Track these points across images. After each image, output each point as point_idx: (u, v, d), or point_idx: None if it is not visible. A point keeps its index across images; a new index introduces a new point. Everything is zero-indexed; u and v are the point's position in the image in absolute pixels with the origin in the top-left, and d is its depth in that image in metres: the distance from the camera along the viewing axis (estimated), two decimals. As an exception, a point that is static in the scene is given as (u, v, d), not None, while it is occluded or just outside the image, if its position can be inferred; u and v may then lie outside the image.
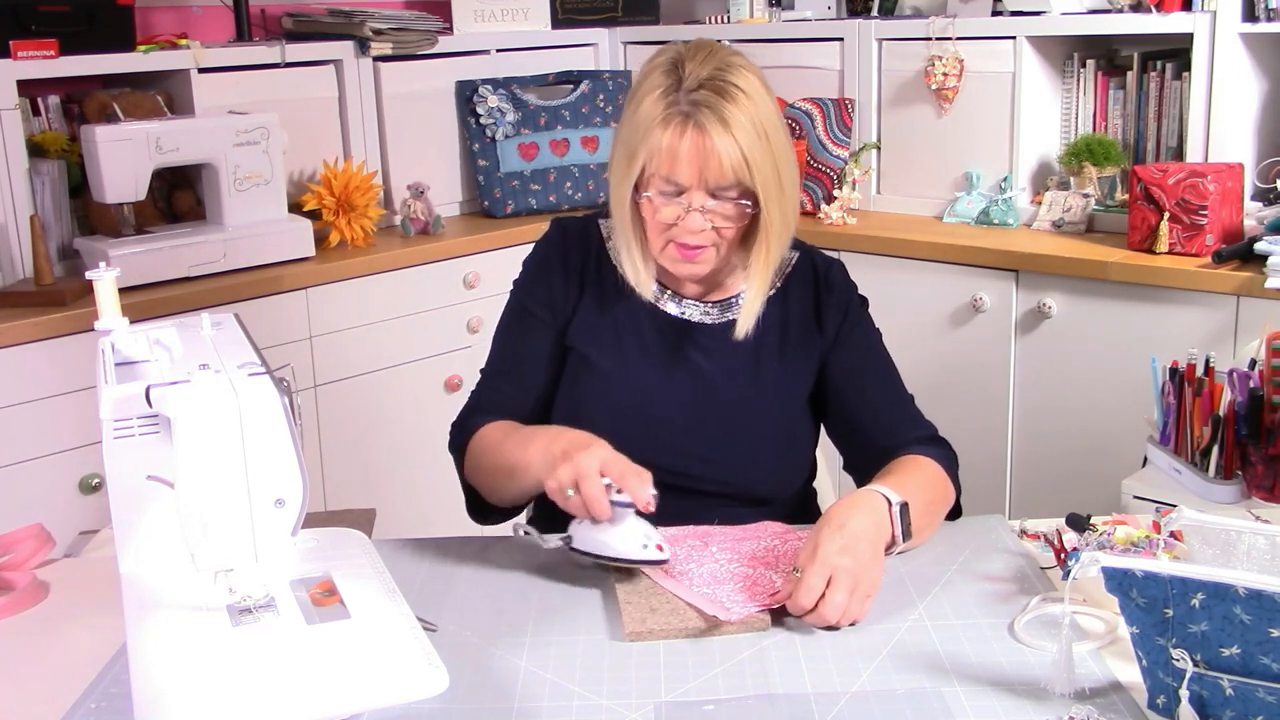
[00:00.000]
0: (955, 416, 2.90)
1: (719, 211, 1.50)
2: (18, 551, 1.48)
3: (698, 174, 1.47)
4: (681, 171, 1.47)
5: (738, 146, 1.46)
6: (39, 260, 2.55)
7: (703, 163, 1.46)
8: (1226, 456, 1.72)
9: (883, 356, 1.67)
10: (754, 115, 1.47)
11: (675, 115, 1.47)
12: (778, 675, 1.19)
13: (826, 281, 1.65)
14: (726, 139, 1.45)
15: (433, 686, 1.07)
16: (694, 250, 1.53)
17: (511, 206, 3.36)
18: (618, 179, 1.54)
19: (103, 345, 1.25)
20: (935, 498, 1.50)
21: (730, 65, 1.50)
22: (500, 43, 3.47)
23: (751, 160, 1.47)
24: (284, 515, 1.11)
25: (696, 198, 1.49)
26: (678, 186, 1.49)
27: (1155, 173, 2.62)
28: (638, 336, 1.62)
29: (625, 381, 1.61)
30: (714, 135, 1.45)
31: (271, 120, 2.83)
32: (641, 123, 1.49)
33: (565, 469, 1.34)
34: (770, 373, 1.62)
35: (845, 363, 1.64)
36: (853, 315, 1.66)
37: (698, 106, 1.46)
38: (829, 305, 1.64)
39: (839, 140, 3.29)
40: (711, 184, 1.48)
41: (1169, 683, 1.06)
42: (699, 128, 1.46)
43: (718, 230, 1.52)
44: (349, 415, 2.88)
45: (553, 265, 1.66)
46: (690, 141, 1.46)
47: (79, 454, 2.44)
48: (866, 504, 1.38)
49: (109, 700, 1.17)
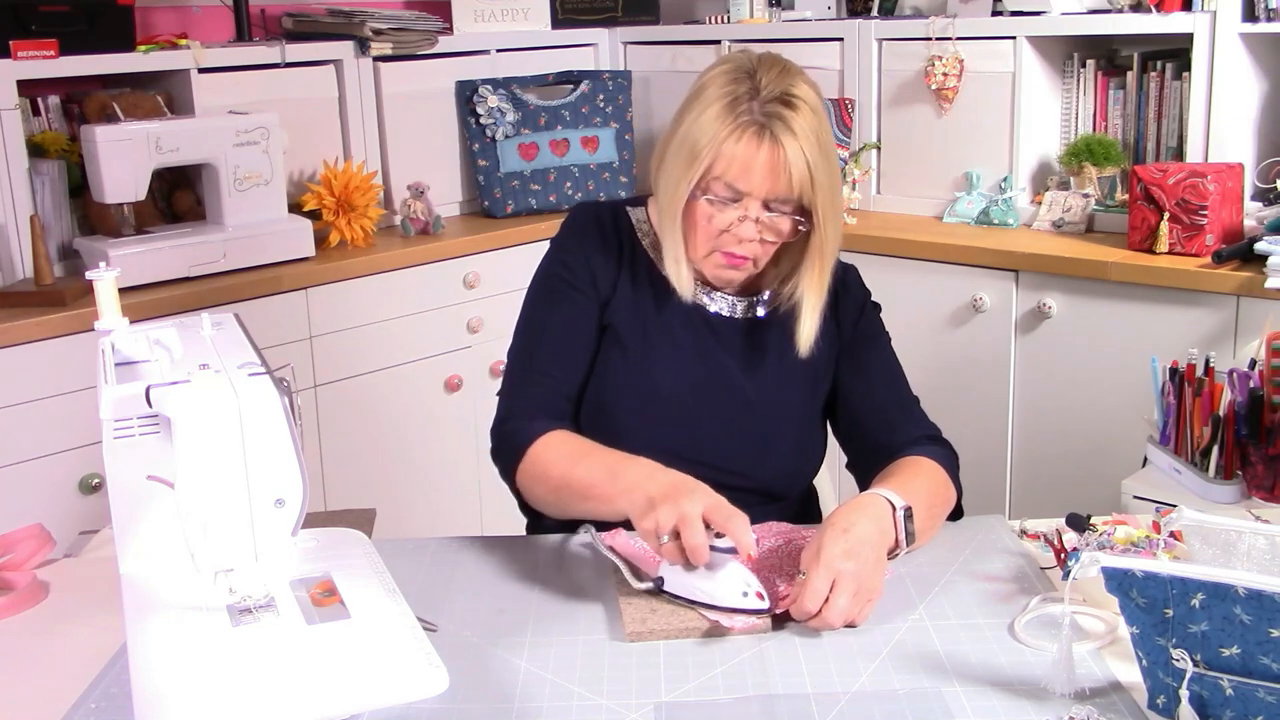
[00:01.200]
0: (955, 416, 2.90)
1: (772, 225, 1.51)
2: (18, 551, 1.48)
3: (764, 184, 1.48)
4: (749, 180, 1.48)
5: (806, 162, 1.47)
6: (39, 260, 2.55)
7: (773, 175, 1.47)
8: (1226, 456, 1.72)
9: (890, 358, 1.69)
10: (819, 131, 1.49)
11: (750, 124, 1.47)
12: (778, 675, 1.19)
13: (844, 284, 1.68)
14: (798, 154, 1.47)
15: (433, 686, 1.07)
16: (739, 260, 1.54)
17: (511, 206, 3.36)
18: (674, 177, 1.52)
19: (103, 345, 1.25)
20: (937, 500, 1.50)
21: (798, 81, 1.52)
22: (500, 43, 3.47)
23: (816, 177, 1.49)
24: (284, 515, 1.11)
25: (753, 208, 1.50)
26: (737, 194, 1.49)
27: (1155, 173, 2.62)
28: (667, 327, 1.62)
29: (653, 370, 1.61)
30: (788, 149, 1.46)
31: (271, 120, 2.83)
32: (709, 126, 1.48)
33: (666, 512, 1.30)
34: (794, 371, 1.63)
35: (854, 362, 1.66)
36: (865, 316, 1.68)
37: (771, 118, 1.47)
38: (845, 306, 1.67)
39: (839, 140, 3.28)
40: (773, 196, 1.49)
41: (1169, 683, 1.06)
42: (775, 140, 1.47)
43: (765, 243, 1.53)
44: (349, 415, 2.88)
45: (591, 242, 1.63)
46: (766, 153, 1.47)
47: (79, 454, 2.44)
48: (871, 508, 1.38)
49: (109, 700, 1.17)
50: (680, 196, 1.52)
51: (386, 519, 1.71)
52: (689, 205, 1.52)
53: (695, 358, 1.62)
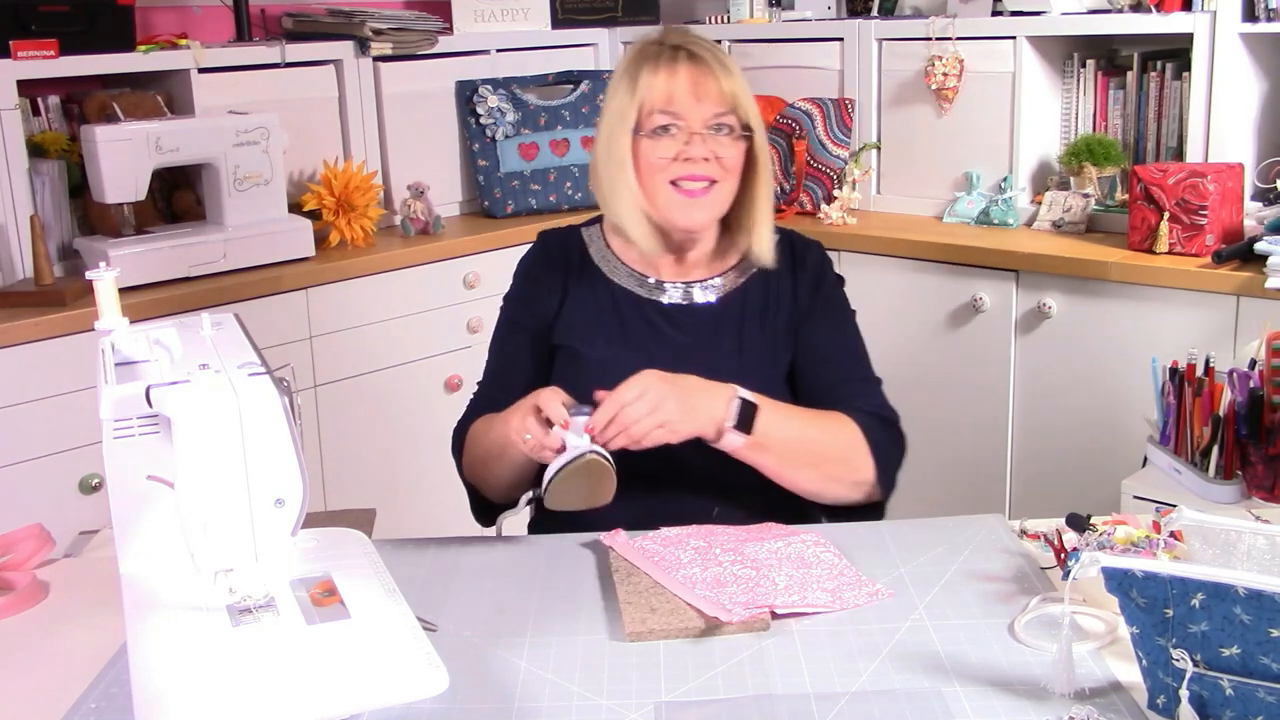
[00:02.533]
0: (955, 416, 2.91)
1: (718, 139, 1.57)
2: (18, 551, 1.48)
3: (695, 101, 1.55)
4: (678, 101, 1.55)
5: (732, 75, 1.56)
6: (39, 260, 2.55)
7: (699, 89, 1.55)
8: (1226, 456, 1.72)
9: (849, 334, 1.70)
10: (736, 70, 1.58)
11: (664, 54, 1.57)
12: (778, 675, 1.19)
13: (802, 261, 1.69)
14: (721, 66, 1.56)
15: (433, 686, 1.07)
16: (696, 185, 1.58)
17: (511, 206, 3.36)
18: (612, 139, 1.60)
19: (103, 345, 1.25)
20: (824, 439, 1.53)
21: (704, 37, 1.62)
22: (500, 43, 3.47)
23: (742, 93, 1.56)
24: (284, 515, 1.11)
25: (695, 124, 1.56)
26: (676, 118, 1.56)
27: (1155, 173, 2.62)
28: (622, 325, 1.67)
29: (613, 369, 1.63)
30: (708, 61, 1.55)
31: (271, 120, 2.83)
32: (627, 80, 1.58)
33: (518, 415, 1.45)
34: (753, 351, 1.64)
35: (810, 337, 1.67)
36: (824, 291, 1.69)
37: (684, 46, 1.57)
38: (802, 282, 1.68)
39: (839, 140, 3.29)
40: (709, 111, 1.55)
41: (1169, 683, 1.06)
42: (692, 58, 1.56)
43: (720, 160, 1.57)
44: (349, 415, 2.88)
45: (536, 274, 1.74)
46: (685, 71, 1.56)
47: (79, 454, 2.44)
48: (707, 384, 1.48)
49: (109, 700, 1.17)
50: (624, 149, 1.59)
51: (386, 519, 1.71)
52: (637, 157, 1.59)
53: (654, 348, 1.65)
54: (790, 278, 1.68)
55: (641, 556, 1.42)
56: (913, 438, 1.65)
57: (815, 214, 3.26)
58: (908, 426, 1.65)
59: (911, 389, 3.08)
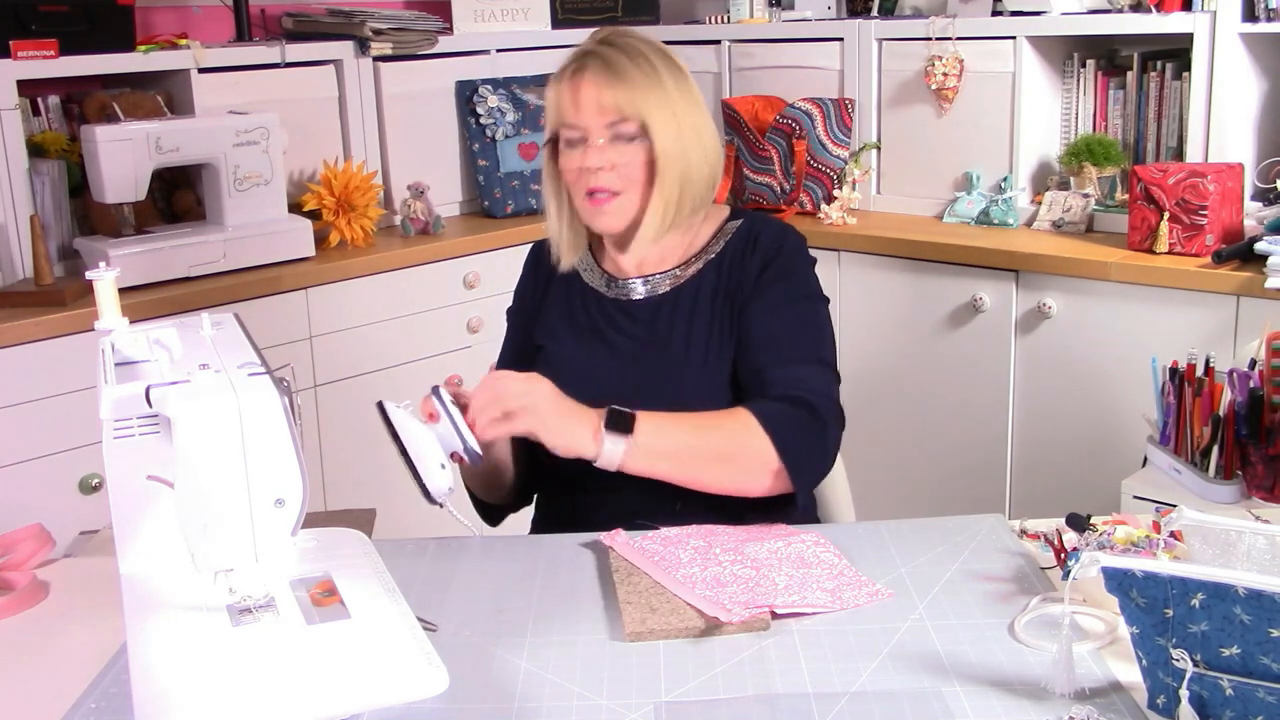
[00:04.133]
0: (955, 416, 2.91)
1: (614, 147, 1.59)
2: (18, 551, 1.48)
3: (587, 112, 1.58)
4: (574, 113, 1.59)
5: (620, 82, 1.58)
6: (39, 260, 2.55)
7: (588, 100, 1.58)
8: (1226, 456, 1.72)
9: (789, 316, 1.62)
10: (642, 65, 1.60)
11: (568, 68, 1.62)
12: (778, 675, 1.19)
13: (756, 240, 1.68)
14: (607, 75, 1.59)
15: (433, 686, 1.07)
16: (604, 197, 1.61)
17: (511, 206, 3.36)
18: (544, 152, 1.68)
19: (103, 345, 1.25)
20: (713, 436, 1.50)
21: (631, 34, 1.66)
22: (500, 43, 3.47)
23: (638, 95, 1.58)
24: (284, 515, 1.11)
25: (593, 136, 1.59)
26: (576, 130, 1.60)
27: (1155, 173, 2.62)
28: (582, 321, 1.71)
29: (574, 365, 1.68)
30: (594, 71, 1.59)
31: (271, 120, 2.83)
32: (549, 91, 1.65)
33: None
34: (705, 340, 1.63)
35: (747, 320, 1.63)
36: (770, 271, 1.64)
37: (584, 56, 1.61)
38: (752, 262, 1.66)
39: (839, 140, 3.29)
40: (603, 120, 1.58)
41: (1169, 683, 1.06)
42: (581, 70, 1.60)
43: (617, 169, 1.60)
44: (349, 415, 2.88)
45: (527, 280, 1.82)
46: (578, 84, 1.60)
47: (79, 454, 2.44)
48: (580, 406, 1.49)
49: (109, 700, 1.17)
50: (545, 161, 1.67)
51: (386, 519, 1.71)
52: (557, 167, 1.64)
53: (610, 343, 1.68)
54: (746, 257, 1.66)
55: (641, 556, 1.42)
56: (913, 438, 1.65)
57: (815, 214, 3.26)
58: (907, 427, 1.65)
59: (911, 389, 3.09)
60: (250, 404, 1.08)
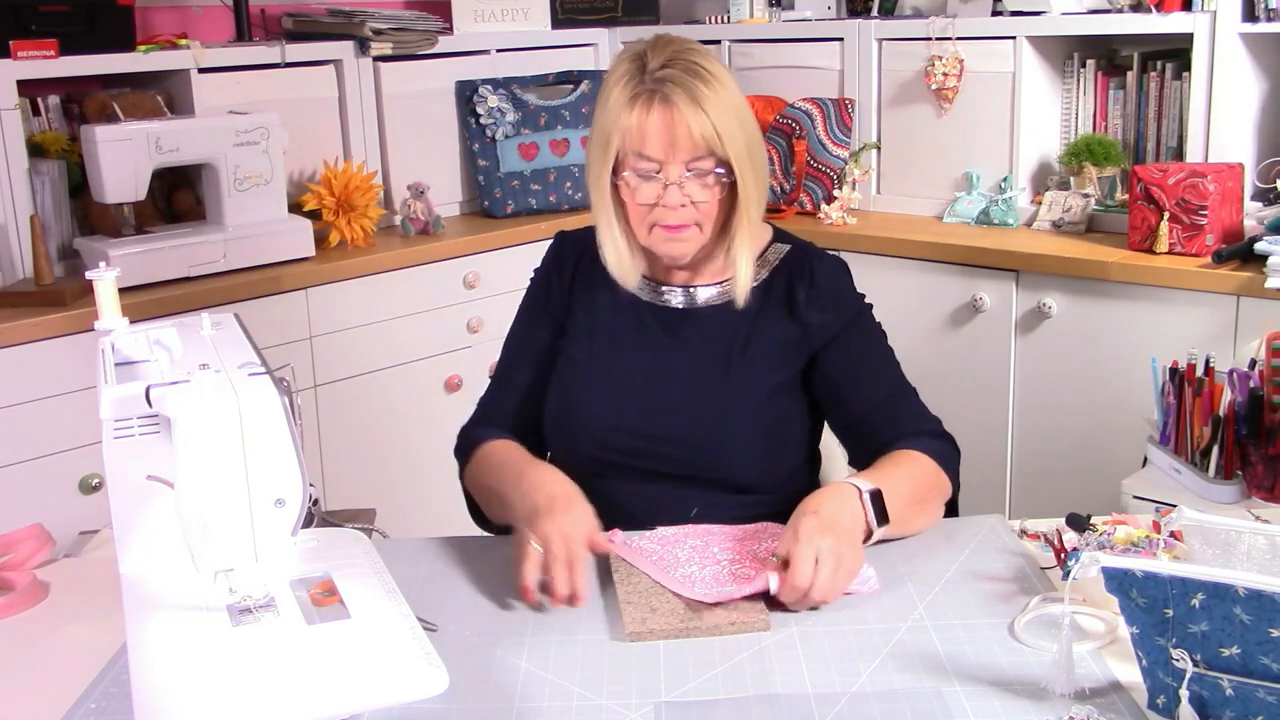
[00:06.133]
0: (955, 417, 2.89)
1: (695, 184, 1.53)
2: (18, 551, 1.48)
3: (669, 146, 1.51)
4: (652, 145, 1.51)
5: (705, 116, 1.50)
6: (39, 260, 2.55)
7: (672, 134, 1.50)
8: (1226, 456, 1.72)
9: (884, 353, 1.68)
10: (720, 91, 1.53)
11: (642, 93, 1.52)
12: (778, 675, 1.19)
13: (813, 276, 1.65)
14: (694, 109, 1.50)
15: (433, 686, 1.07)
16: (678, 228, 1.56)
17: (511, 206, 3.36)
18: (595, 169, 1.58)
19: (103, 345, 1.26)
20: (921, 487, 1.51)
21: (692, 49, 1.56)
22: (500, 43, 3.47)
23: (721, 130, 1.51)
24: (284, 515, 1.11)
25: (672, 172, 1.52)
26: (652, 163, 1.52)
27: (1155, 173, 2.62)
28: (619, 329, 1.66)
29: (606, 373, 1.64)
30: (681, 106, 1.50)
31: (271, 120, 2.83)
32: (611, 108, 1.54)
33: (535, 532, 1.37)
34: (746, 361, 1.62)
35: (843, 362, 1.64)
36: (848, 314, 1.65)
37: (662, 83, 1.51)
38: (813, 300, 1.64)
39: (839, 140, 3.29)
40: (684, 156, 1.52)
41: (1169, 683, 1.06)
42: (665, 101, 1.51)
43: (696, 205, 1.54)
44: (349, 415, 2.88)
45: (550, 274, 1.73)
46: (658, 115, 1.51)
47: (79, 454, 2.44)
48: (835, 493, 1.41)
49: (109, 700, 1.17)
50: (604, 184, 1.57)
51: (386, 519, 1.71)
52: (620, 191, 1.57)
53: (648, 353, 1.64)
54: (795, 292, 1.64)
55: (640, 556, 1.42)
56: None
57: (815, 214, 3.27)
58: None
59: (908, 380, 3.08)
60: (250, 404, 1.08)
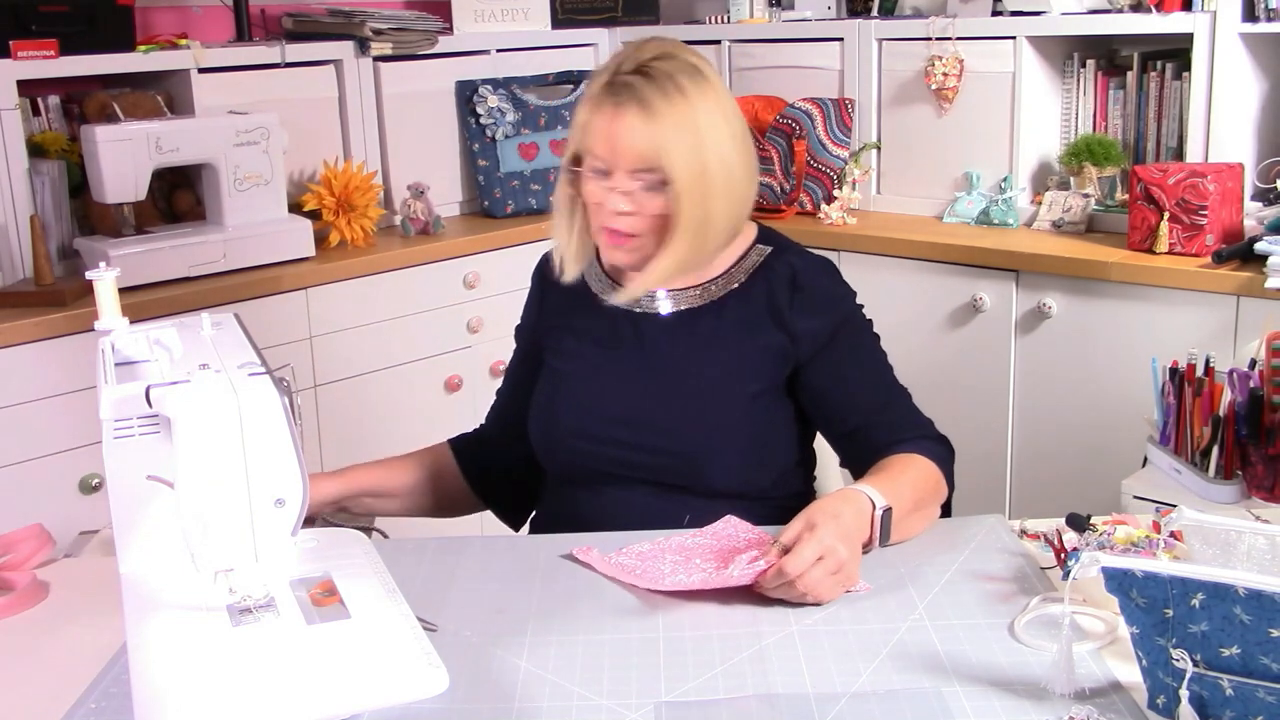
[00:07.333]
0: (955, 417, 2.90)
1: (637, 195, 1.52)
2: (18, 551, 1.48)
3: (612, 152, 1.51)
4: (599, 148, 1.52)
5: (653, 129, 1.48)
6: (39, 260, 2.55)
7: (615, 141, 1.50)
8: (1226, 456, 1.72)
9: (875, 357, 1.65)
10: (680, 105, 1.49)
11: (606, 98, 1.52)
12: (778, 675, 1.19)
13: (795, 282, 1.61)
14: (644, 119, 1.49)
15: (433, 686, 1.07)
16: (622, 237, 1.55)
17: (511, 206, 3.36)
18: (565, 156, 1.60)
19: (103, 345, 1.25)
20: (923, 494, 1.51)
21: (673, 56, 1.53)
22: (500, 43, 3.47)
23: (667, 145, 1.48)
24: (284, 515, 1.11)
25: (620, 179, 1.52)
26: (603, 164, 1.52)
27: (1155, 173, 2.62)
28: (598, 339, 1.65)
29: (583, 382, 1.64)
30: (628, 115, 1.49)
31: (271, 120, 2.83)
32: (583, 100, 1.56)
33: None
34: (721, 367, 1.60)
35: (834, 371, 1.61)
36: (837, 317, 1.62)
37: (622, 89, 1.51)
38: (798, 304, 1.60)
39: (839, 140, 3.29)
40: (627, 165, 1.51)
41: (1169, 683, 1.06)
42: (617, 107, 1.50)
43: (640, 216, 1.53)
44: (349, 415, 2.88)
45: (533, 292, 1.77)
46: (607, 119, 1.51)
47: (79, 454, 2.44)
48: (855, 502, 1.40)
49: (109, 700, 1.17)
50: (564, 173, 1.59)
51: (387, 519, 1.71)
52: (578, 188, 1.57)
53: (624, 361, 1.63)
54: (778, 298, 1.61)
55: (623, 572, 1.41)
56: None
57: (815, 214, 3.27)
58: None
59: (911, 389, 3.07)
60: (250, 404, 1.08)
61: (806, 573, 1.29)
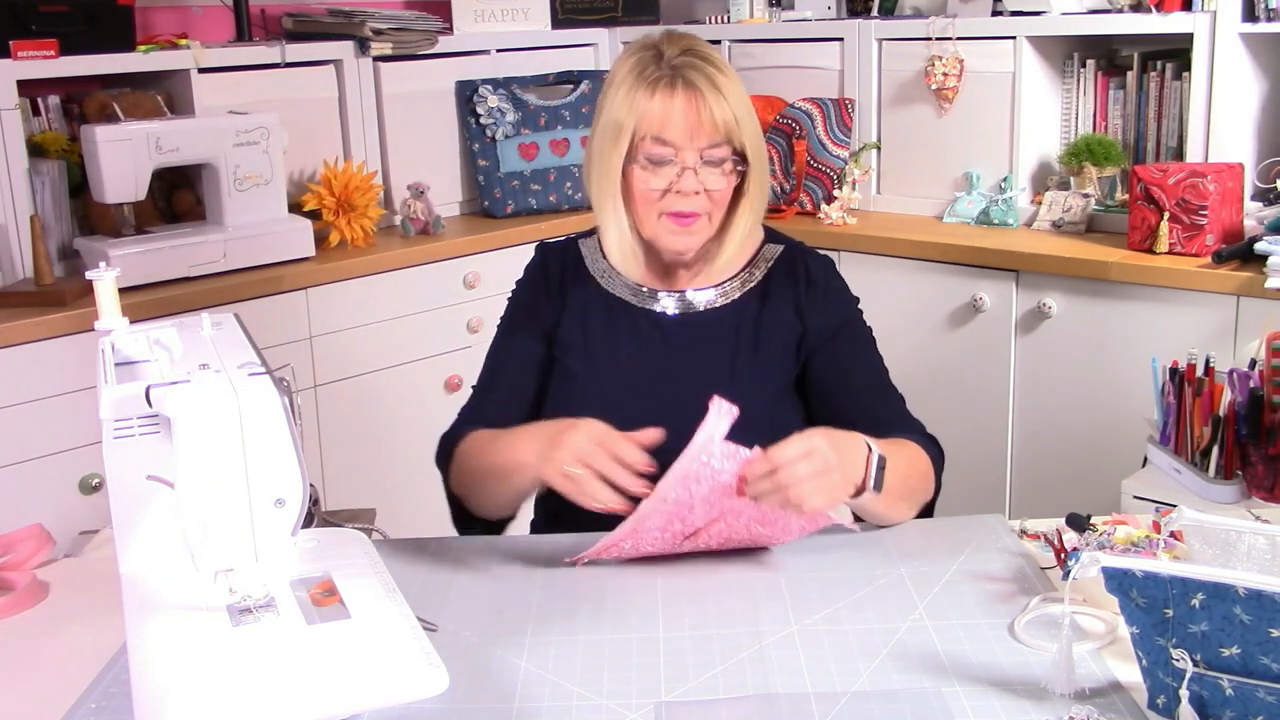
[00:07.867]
0: (955, 416, 2.91)
1: (710, 171, 1.53)
2: (18, 551, 1.48)
3: (689, 131, 1.51)
4: (673, 130, 1.51)
5: (727, 103, 1.51)
6: (39, 260, 2.55)
7: (695, 119, 1.50)
8: (1226, 456, 1.72)
9: (873, 358, 1.68)
10: (735, 82, 1.54)
11: (662, 78, 1.52)
12: (778, 675, 1.19)
13: (808, 276, 1.65)
14: (716, 94, 1.50)
15: (433, 686, 1.07)
16: (688, 218, 1.55)
17: (511, 206, 3.36)
18: (603, 157, 1.56)
19: (103, 345, 1.25)
20: (913, 476, 1.51)
21: (703, 43, 1.57)
22: (500, 43, 3.47)
23: (740, 118, 1.52)
24: (284, 515, 1.11)
25: (688, 158, 1.52)
26: (669, 148, 1.52)
27: (1155, 173, 2.62)
28: (616, 339, 1.65)
29: (605, 385, 1.63)
30: (704, 90, 1.50)
31: (271, 120, 2.83)
32: (625, 95, 1.53)
33: (564, 451, 1.37)
34: (747, 366, 1.62)
35: (834, 363, 1.64)
36: (843, 315, 1.65)
37: (681, 70, 1.51)
38: (811, 300, 1.64)
39: (839, 140, 3.29)
40: (702, 142, 1.51)
41: (1169, 683, 1.06)
42: (688, 85, 1.51)
43: (709, 194, 1.54)
44: (349, 415, 2.88)
45: (537, 283, 1.71)
46: (681, 99, 1.51)
47: (79, 454, 2.44)
48: (852, 438, 1.41)
49: (109, 700, 1.17)
50: (614, 170, 1.55)
51: (386, 519, 1.71)
52: (628, 180, 1.55)
53: (646, 362, 1.63)
54: (793, 293, 1.64)
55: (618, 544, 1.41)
56: (913, 438, 1.64)
57: (815, 214, 3.27)
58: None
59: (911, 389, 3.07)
60: (250, 404, 1.08)
61: (791, 464, 1.29)
